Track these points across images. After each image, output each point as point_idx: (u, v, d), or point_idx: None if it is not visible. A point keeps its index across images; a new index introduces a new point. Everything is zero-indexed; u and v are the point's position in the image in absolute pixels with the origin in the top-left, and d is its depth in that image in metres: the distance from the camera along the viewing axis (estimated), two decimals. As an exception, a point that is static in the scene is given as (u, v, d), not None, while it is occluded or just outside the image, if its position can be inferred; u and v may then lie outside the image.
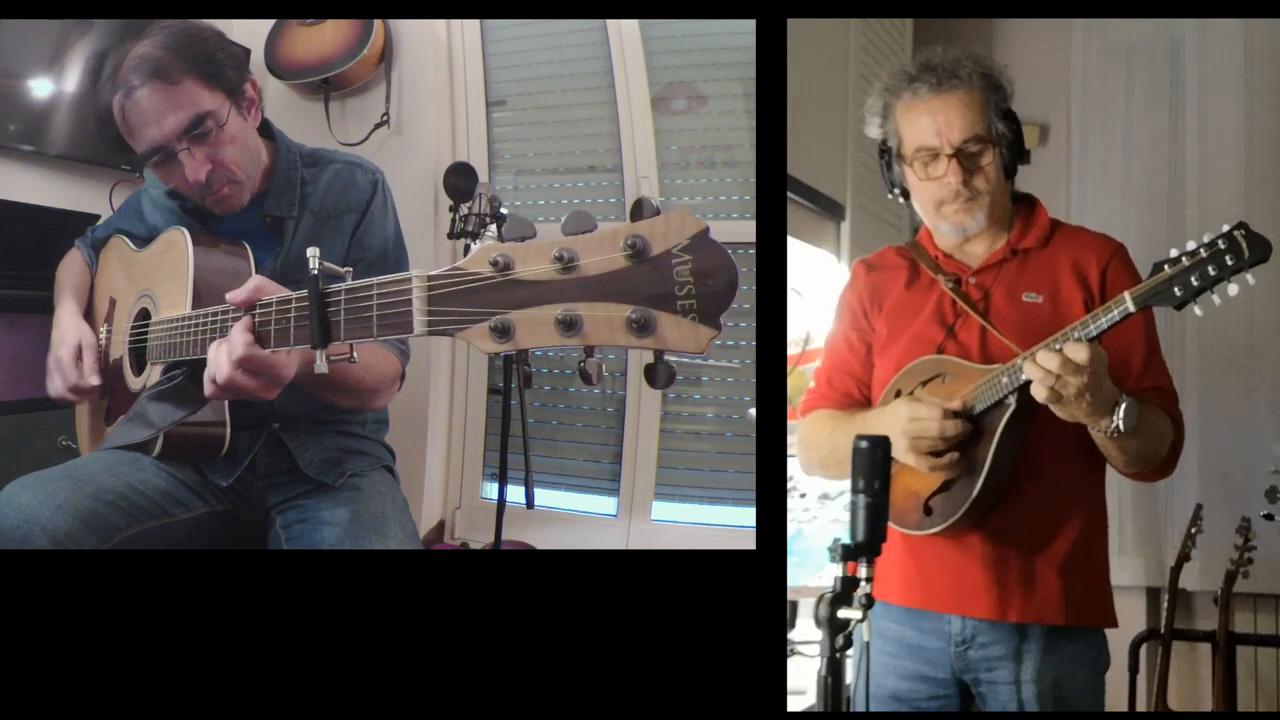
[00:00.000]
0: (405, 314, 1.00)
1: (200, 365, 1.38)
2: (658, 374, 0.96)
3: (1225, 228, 1.27)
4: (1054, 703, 1.46)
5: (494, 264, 0.95)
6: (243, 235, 1.64)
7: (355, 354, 1.14)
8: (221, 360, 1.21)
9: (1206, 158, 2.76)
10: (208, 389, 1.24)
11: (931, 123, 1.48)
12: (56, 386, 1.66)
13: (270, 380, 1.23)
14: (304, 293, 1.12)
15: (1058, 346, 1.31)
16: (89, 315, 1.78)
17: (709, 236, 0.89)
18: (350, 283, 1.09)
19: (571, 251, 0.92)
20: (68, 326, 1.71)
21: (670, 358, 0.94)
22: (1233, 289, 1.27)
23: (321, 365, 1.10)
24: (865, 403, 1.60)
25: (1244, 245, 1.26)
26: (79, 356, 1.65)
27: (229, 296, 1.22)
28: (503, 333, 0.94)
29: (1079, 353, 1.29)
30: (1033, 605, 1.46)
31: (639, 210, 0.92)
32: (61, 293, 1.80)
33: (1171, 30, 2.81)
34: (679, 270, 0.89)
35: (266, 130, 1.70)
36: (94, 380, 1.65)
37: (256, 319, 1.20)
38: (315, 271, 1.10)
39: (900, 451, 1.41)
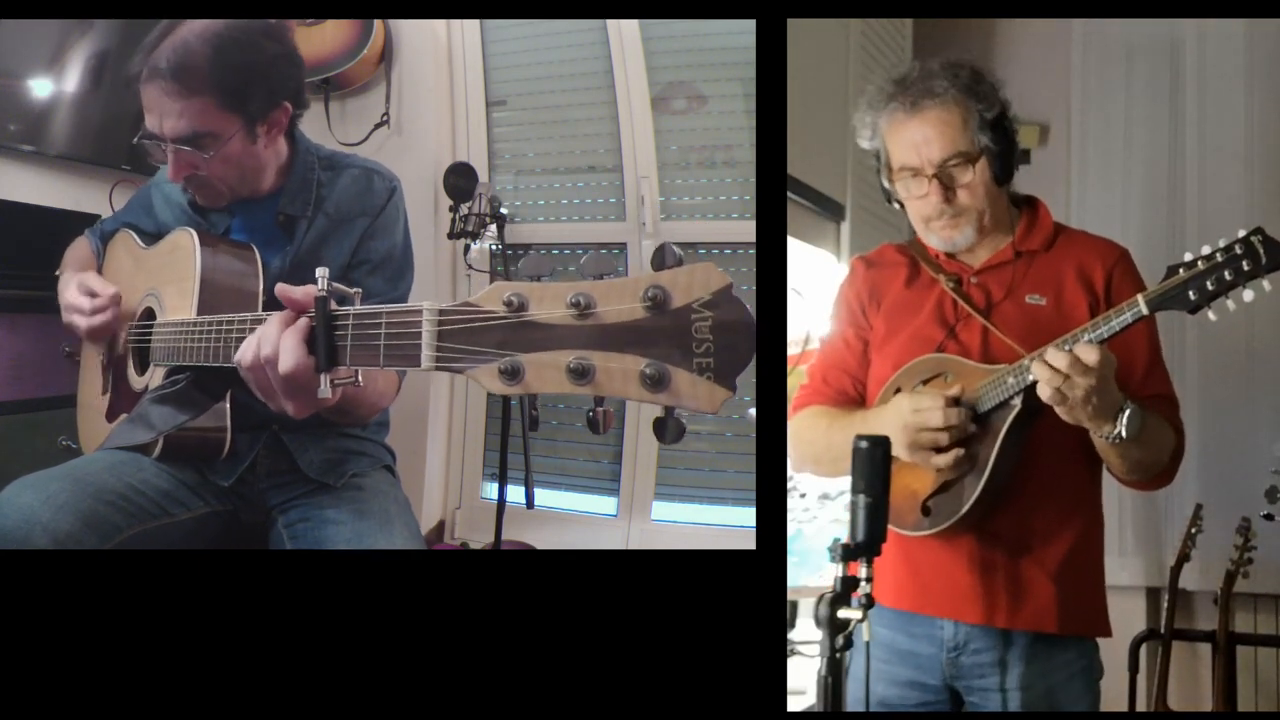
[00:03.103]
0: (414, 347, 0.97)
1: (204, 371, 1.38)
2: (667, 429, 0.94)
3: (1242, 233, 1.26)
4: (1046, 710, 1.45)
5: (508, 303, 0.92)
6: (254, 232, 1.65)
7: (360, 378, 1.10)
8: (279, 347, 1.11)
9: (1207, 158, 2.75)
10: (244, 370, 1.16)
11: (911, 143, 1.46)
12: (81, 326, 1.65)
13: (309, 400, 1.14)
14: (352, 309, 1.07)
15: (1067, 347, 1.30)
16: None
17: (732, 293, 0.86)
18: (359, 308, 1.06)
19: (589, 297, 0.89)
20: (68, 280, 1.71)
21: (680, 413, 0.91)
22: (1248, 294, 1.25)
23: (325, 389, 1.07)
24: (860, 400, 1.58)
25: (1261, 251, 1.24)
26: (84, 289, 1.65)
27: (279, 291, 1.14)
28: (512, 375, 0.91)
29: (1089, 354, 1.28)
30: (1026, 612, 1.45)
31: (660, 259, 0.90)
32: (65, 268, 1.81)
33: (1171, 30, 2.80)
34: (698, 326, 0.86)
35: (289, 131, 1.70)
36: (109, 296, 1.64)
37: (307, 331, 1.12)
38: (323, 292, 1.07)
39: (901, 447, 1.39)
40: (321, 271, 1.08)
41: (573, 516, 3.00)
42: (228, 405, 1.49)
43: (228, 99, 1.51)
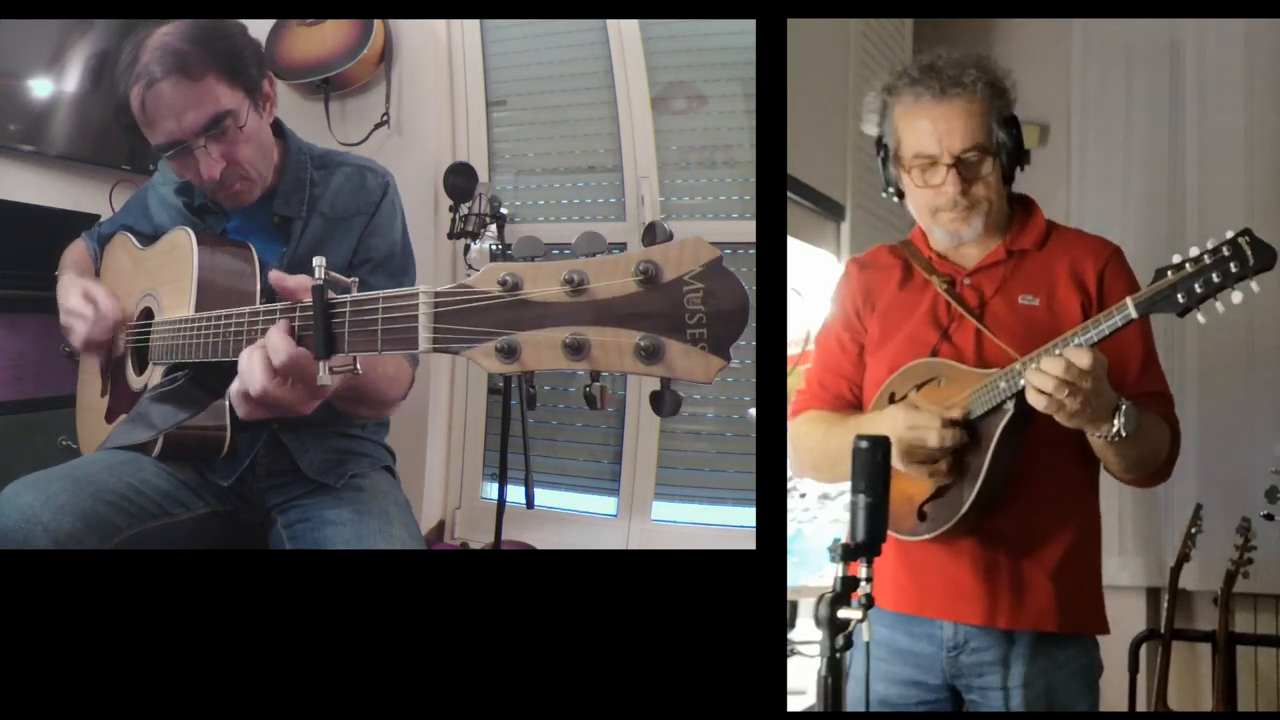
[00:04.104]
0: (411, 330, 0.98)
1: (203, 368, 1.38)
2: (664, 401, 0.96)
3: (1230, 234, 1.26)
4: (1047, 709, 1.45)
5: (502, 283, 0.93)
6: (250, 234, 1.64)
7: (359, 365, 1.10)
8: (256, 369, 1.10)
9: (1206, 158, 2.76)
10: (241, 408, 1.15)
11: (932, 129, 1.46)
12: (80, 333, 1.64)
13: (309, 391, 1.13)
14: (349, 296, 1.08)
15: (1058, 352, 1.30)
16: None
17: (722, 265, 0.88)
18: (356, 294, 1.07)
19: (582, 274, 0.90)
20: (70, 284, 1.70)
21: (676, 385, 0.92)
22: (1236, 296, 1.25)
23: (324, 377, 1.07)
24: (856, 404, 1.58)
25: (1249, 252, 1.24)
26: (88, 297, 1.64)
27: (273, 279, 1.14)
28: (509, 353, 0.92)
29: (1081, 358, 1.27)
30: (1026, 611, 1.45)
31: (651, 235, 0.92)
32: (63, 269, 1.80)
33: (1171, 30, 2.81)
34: (690, 298, 0.87)
35: (278, 130, 1.70)
36: (112, 314, 1.63)
37: (297, 321, 1.13)
38: (320, 280, 1.08)
39: (895, 459, 1.38)
40: (319, 260, 1.08)
41: (573, 516, 2.99)
42: (227, 403, 1.49)
43: (230, 73, 1.52)
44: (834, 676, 1.19)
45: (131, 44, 1.51)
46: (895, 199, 1.56)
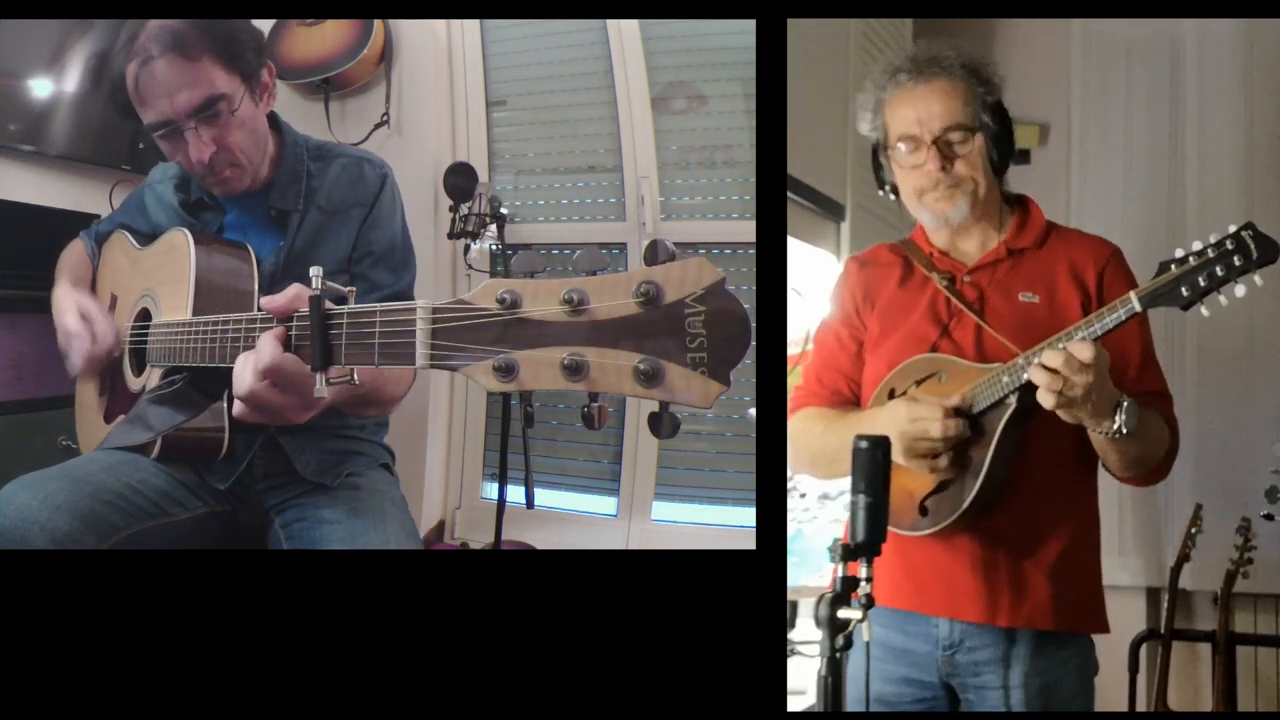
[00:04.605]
0: (408, 345, 0.97)
1: (201, 372, 1.38)
2: (662, 424, 0.95)
3: (1232, 228, 1.26)
4: (1042, 708, 1.45)
5: (501, 301, 0.92)
6: (247, 228, 1.64)
7: (356, 376, 1.10)
8: (246, 372, 1.12)
9: (1206, 158, 2.76)
10: (235, 409, 1.16)
11: (913, 111, 1.48)
12: (76, 357, 1.63)
13: (302, 399, 1.13)
14: (347, 308, 1.07)
15: (1061, 345, 1.30)
16: None
17: (724, 287, 0.86)
18: (353, 306, 1.06)
19: (582, 293, 0.89)
20: (65, 299, 1.69)
21: (676, 408, 0.92)
22: (1239, 290, 1.26)
23: (321, 389, 1.07)
24: (855, 401, 1.59)
25: (1252, 246, 1.24)
26: (85, 317, 1.64)
27: (264, 302, 1.14)
28: (506, 372, 0.92)
29: (1084, 351, 1.28)
30: (1023, 610, 1.45)
31: (653, 254, 0.90)
32: (59, 276, 1.80)
33: (1171, 30, 2.80)
34: (691, 321, 0.86)
35: (274, 123, 1.70)
36: (109, 336, 1.63)
37: (293, 332, 1.12)
38: (318, 291, 1.07)
39: (897, 453, 1.38)
40: (316, 270, 1.08)
41: (573, 516, 2.99)
42: (225, 405, 1.49)
43: (226, 58, 1.51)
44: (834, 676, 1.19)
45: (130, 25, 1.51)
46: (892, 196, 1.56)
